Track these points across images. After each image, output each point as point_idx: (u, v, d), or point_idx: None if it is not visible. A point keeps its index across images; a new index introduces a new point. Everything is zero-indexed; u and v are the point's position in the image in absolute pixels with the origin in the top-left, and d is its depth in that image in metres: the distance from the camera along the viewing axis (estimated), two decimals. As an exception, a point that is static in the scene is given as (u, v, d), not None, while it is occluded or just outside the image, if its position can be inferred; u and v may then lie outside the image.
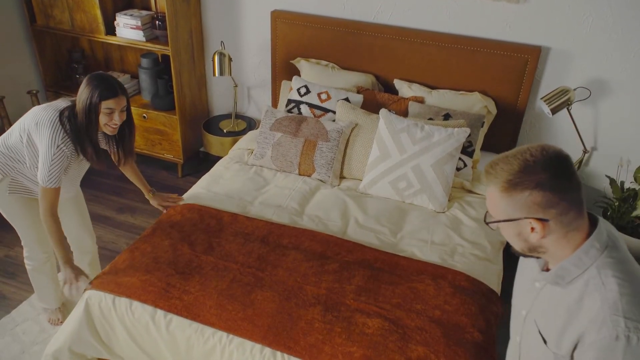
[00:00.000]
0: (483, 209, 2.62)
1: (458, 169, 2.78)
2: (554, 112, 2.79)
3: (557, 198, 1.07)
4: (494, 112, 3.00)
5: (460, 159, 2.79)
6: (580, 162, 3.00)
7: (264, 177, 2.85)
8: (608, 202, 2.87)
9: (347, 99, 3.02)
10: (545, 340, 1.19)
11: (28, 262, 2.49)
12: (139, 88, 3.82)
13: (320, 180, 2.83)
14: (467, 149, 2.82)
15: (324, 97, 3.04)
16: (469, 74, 3.00)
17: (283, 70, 3.44)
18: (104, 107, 2.04)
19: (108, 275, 2.15)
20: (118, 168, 2.44)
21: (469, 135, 2.79)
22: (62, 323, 2.57)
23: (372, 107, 3.02)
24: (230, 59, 3.38)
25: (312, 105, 3.05)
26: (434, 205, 2.62)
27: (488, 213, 1.18)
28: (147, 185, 2.59)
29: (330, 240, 2.36)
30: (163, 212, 2.59)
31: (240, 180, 2.79)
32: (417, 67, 3.10)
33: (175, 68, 3.45)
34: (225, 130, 3.63)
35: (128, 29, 3.45)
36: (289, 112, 3.08)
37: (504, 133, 3.09)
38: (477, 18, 2.94)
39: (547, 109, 2.79)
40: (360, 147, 2.83)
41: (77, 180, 2.39)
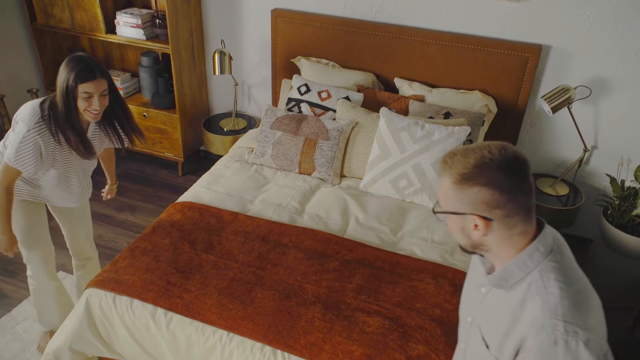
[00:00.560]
0: (483, 208, 2.62)
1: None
2: (555, 110, 2.78)
3: (505, 199, 1.05)
4: (495, 110, 2.99)
5: (461, 158, 2.78)
6: (581, 160, 3.00)
7: (265, 175, 2.85)
8: (608, 200, 2.87)
9: (347, 98, 3.02)
10: (488, 346, 1.17)
11: (31, 281, 2.39)
12: (139, 87, 3.82)
13: (321, 179, 2.83)
14: (467, 148, 2.81)
15: (325, 95, 3.04)
16: (470, 73, 3.00)
17: (283, 69, 3.44)
18: (82, 90, 1.87)
19: (108, 274, 2.15)
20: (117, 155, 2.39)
21: (470, 134, 2.79)
22: None
23: (372, 105, 3.02)
24: (231, 58, 3.38)
25: (312, 104, 3.04)
26: (435, 204, 2.62)
27: (438, 202, 1.17)
28: (114, 177, 2.57)
29: (331, 239, 2.36)
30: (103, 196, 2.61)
31: (241, 179, 2.79)
32: (417, 65, 3.10)
33: (176, 66, 3.45)
34: (226, 129, 3.63)
35: (128, 28, 3.44)
36: (290, 110, 3.08)
37: (505, 132, 3.09)
38: (477, 16, 2.94)
39: (547, 108, 2.79)
40: (361, 145, 2.82)
41: (80, 182, 2.25)
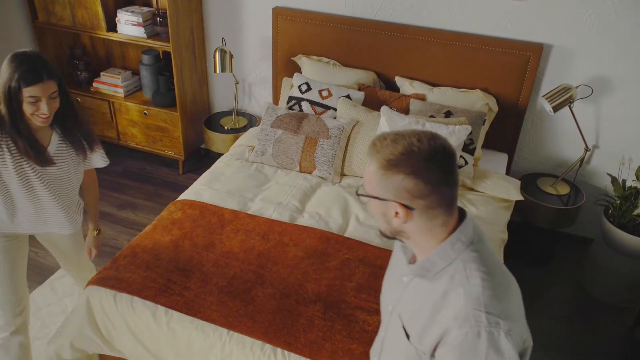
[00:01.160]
0: (484, 207, 2.62)
1: (459, 167, 2.78)
2: (556, 109, 2.78)
3: (428, 190, 1.05)
4: (496, 109, 2.99)
5: (462, 157, 2.78)
6: (582, 160, 3.00)
7: (265, 174, 2.85)
8: (609, 200, 2.87)
9: (348, 96, 3.01)
10: (408, 335, 1.17)
11: None
12: (140, 85, 3.82)
13: (321, 178, 2.83)
14: (468, 147, 2.81)
15: (325, 94, 3.04)
16: (471, 72, 3.00)
17: (284, 67, 3.44)
18: (27, 94, 1.65)
19: (109, 272, 2.16)
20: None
21: (470, 133, 2.79)
22: None
23: (373, 104, 3.02)
24: (232, 56, 3.38)
25: (313, 102, 3.04)
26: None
27: (362, 185, 1.15)
28: (97, 221, 2.24)
29: (331, 238, 2.36)
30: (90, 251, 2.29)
31: (241, 177, 2.79)
32: (418, 64, 3.09)
33: (177, 65, 3.45)
34: (226, 127, 3.63)
35: (129, 26, 3.44)
36: (290, 109, 3.07)
37: (506, 131, 3.09)
38: (478, 15, 2.93)
39: (548, 107, 2.78)
40: (361, 144, 2.82)
41: (58, 202, 1.95)
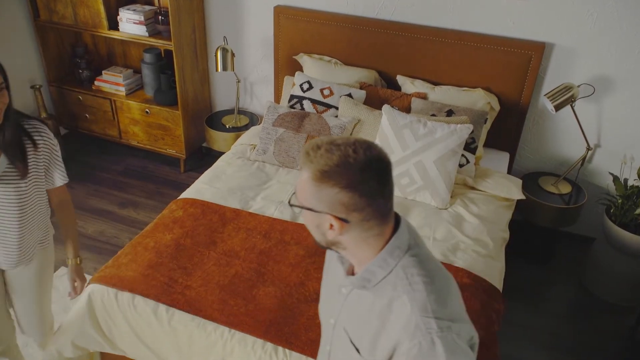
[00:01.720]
0: (486, 206, 2.62)
1: (461, 166, 2.78)
2: (558, 108, 2.78)
3: (364, 203, 1.01)
4: (497, 108, 2.99)
5: (463, 156, 2.78)
6: (584, 159, 2.99)
7: (267, 172, 2.85)
8: (611, 199, 2.87)
9: (349, 95, 3.01)
10: (359, 349, 1.13)
11: None
12: (142, 83, 3.82)
13: (323, 176, 2.83)
14: (470, 146, 2.81)
15: (327, 92, 3.04)
16: (472, 70, 2.99)
17: (286, 66, 3.44)
18: None
19: (110, 270, 2.16)
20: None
21: (472, 132, 2.79)
22: None
23: (374, 103, 3.02)
24: (233, 54, 3.38)
25: (314, 101, 3.04)
26: (437, 202, 2.62)
27: (295, 194, 1.11)
28: (77, 248, 2.00)
29: (332, 236, 2.36)
30: (70, 289, 2.06)
31: (243, 176, 2.79)
32: (420, 63, 3.09)
33: (178, 63, 3.45)
34: (228, 126, 3.63)
35: (131, 24, 3.44)
36: (292, 107, 3.07)
37: (507, 130, 3.08)
38: (480, 14, 2.93)
39: (550, 106, 2.78)
40: (363, 143, 2.82)
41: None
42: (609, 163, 3.03)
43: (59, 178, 1.82)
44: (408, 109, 2.94)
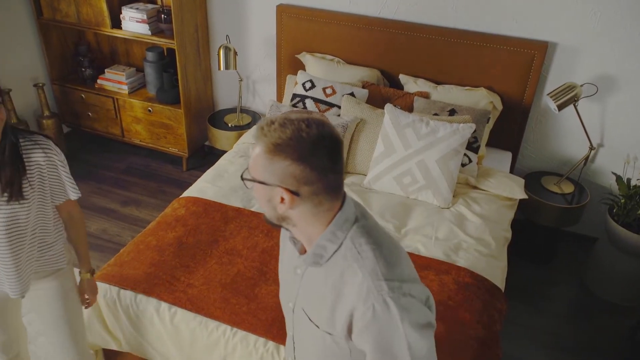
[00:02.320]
0: (488, 205, 2.62)
1: (463, 165, 2.77)
2: (561, 108, 2.77)
3: (315, 177, 1.03)
4: (500, 108, 2.98)
5: (466, 155, 2.78)
6: (587, 158, 2.99)
7: (269, 171, 2.85)
8: (614, 199, 2.86)
9: (352, 94, 3.01)
10: (318, 325, 1.16)
11: None
12: (144, 82, 3.83)
13: (325, 175, 2.83)
14: (472, 145, 2.81)
15: (329, 91, 3.04)
16: (475, 70, 2.99)
17: (288, 65, 3.44)
18: None
19: (113, 268, 2.17)
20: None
21: (475, 131, 2.78)
22: None
23: (377, 102, 3.02)
24: (236, 53, 3.38)
25: (317, 100, 3.04)
26: (439, 201, 2.62)
27: (247, 169, 1.12)
28: (88, 262, 1.89)
29: (334, 235, 2.36)
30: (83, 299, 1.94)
31: (245, 175, 2.79)
32: (422, 62, 3.09)
33: (181, 62, 3.46)
34: (230, 125, 3.63)
35: (134, 23, 3.45)
36: (294, 106, 3.07)
37: (510, 129, 3.08)
38: (483, 13, 2.92)
39: (553, 105, 2.77)
40: (365, 142, 2.82)
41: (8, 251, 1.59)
42: (612, 163, 3.03)
43: (71, 193, 1.70)
44: (410, 108, 2.94)
